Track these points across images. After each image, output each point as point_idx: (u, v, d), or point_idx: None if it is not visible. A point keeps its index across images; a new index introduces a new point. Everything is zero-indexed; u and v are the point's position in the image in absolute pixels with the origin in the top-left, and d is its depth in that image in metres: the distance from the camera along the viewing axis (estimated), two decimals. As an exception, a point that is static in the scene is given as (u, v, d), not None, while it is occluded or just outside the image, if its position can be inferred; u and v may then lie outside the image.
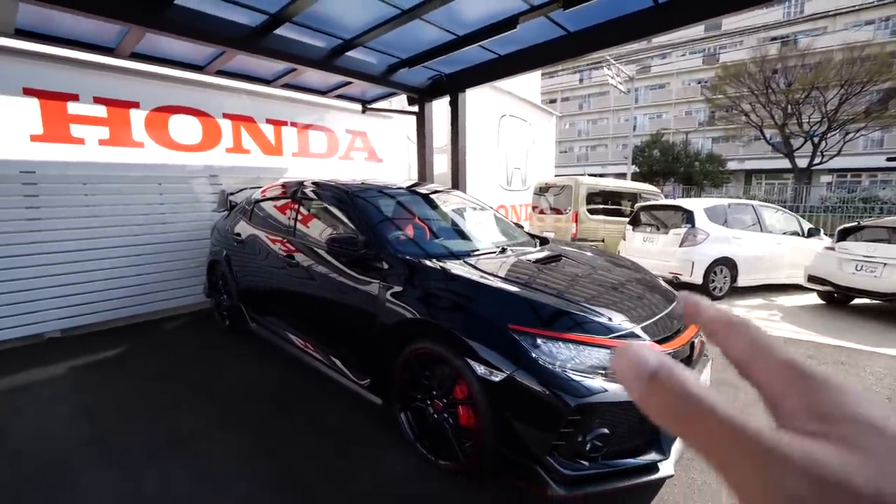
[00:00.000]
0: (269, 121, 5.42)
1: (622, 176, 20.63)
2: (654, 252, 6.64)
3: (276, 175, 5.58)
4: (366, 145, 6.66)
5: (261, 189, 4.21)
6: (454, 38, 3.79)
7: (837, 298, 6.05)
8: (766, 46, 24.30)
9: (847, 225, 5.94)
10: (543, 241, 3.41)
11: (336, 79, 4.76)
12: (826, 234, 7.41)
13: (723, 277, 6.32)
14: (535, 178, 10.63)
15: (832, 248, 5.81)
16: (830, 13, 23.05)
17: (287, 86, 5.01)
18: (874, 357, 3.87)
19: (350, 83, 4.82)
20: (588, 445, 1.78)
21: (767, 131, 23.03)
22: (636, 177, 23.96)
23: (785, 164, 23.29)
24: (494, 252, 2.86)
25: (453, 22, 3.55)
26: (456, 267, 2.43)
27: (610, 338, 1.90)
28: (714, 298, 6.07)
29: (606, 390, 1.77)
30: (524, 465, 1.84)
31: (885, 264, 5.10)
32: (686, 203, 6.78)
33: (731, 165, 31.24)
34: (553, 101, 41.25)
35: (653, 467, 1.85)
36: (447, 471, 2.13)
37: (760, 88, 21.96)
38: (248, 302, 3.89)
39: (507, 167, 10.01)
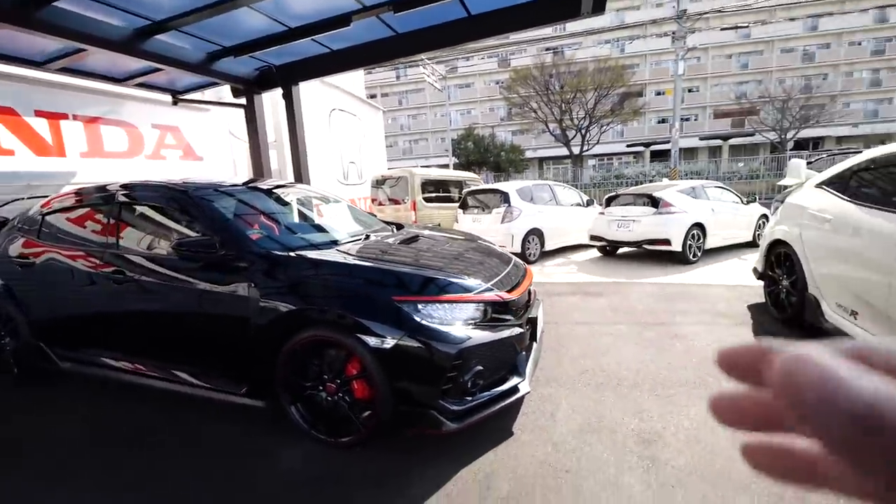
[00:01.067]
0: (40, 113, 4.30)
1: (445, 167, 22.56)
2: (482, 230, 7.63)
3: (58, 182, 4.50)
4: (180, 142, 5.85)
5: (45, 200, 3.41)
6: (285, 29, 3.71)
7: (609, 250, 8.05)
8: (543, 55, 29.49)
9: (610, 194, 7.94)
10: (399, 227, 3.71)
11: (137, 64, 4.09)
12: (598, 203, 9.67)
13: (534, 245, 7.71)
14: (370, 171, 10.89)
15: (603, 213, 7.70)
16: (583, 32, 29.24)
17: (67, 70, 4.05)
18: (633, 285, 5.40)
19: (158, 70, 4.20)
20: (469, 383, 2.17)
21: (551, 125, 28.16)
22: (457, 167, 26.47)
23: (565, 151, 28.91)
24: (360, 238, 3.03)
25: (283, 13, 3.48)
26: (332, 255, 2.53)
27: (475, 294, 2.32)
28: (529, 263, 7.39)
29: (474, 336, 2.18)
30: (421, 414, 2.12)
31: (634, 220, 7.03)
32: (502, 186, 8.00)
33: (528, 154, 37.08)
34: (373, 97, 41.86)
35: (515, 389, 2.35)
36: (349, 445, 2.27)
37: (542, 90, 26.63)
38: (54, 338, 3.16)
39: (342, 162, 10.00)
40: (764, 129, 28.17)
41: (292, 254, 2.50)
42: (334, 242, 2.89)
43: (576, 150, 28.14)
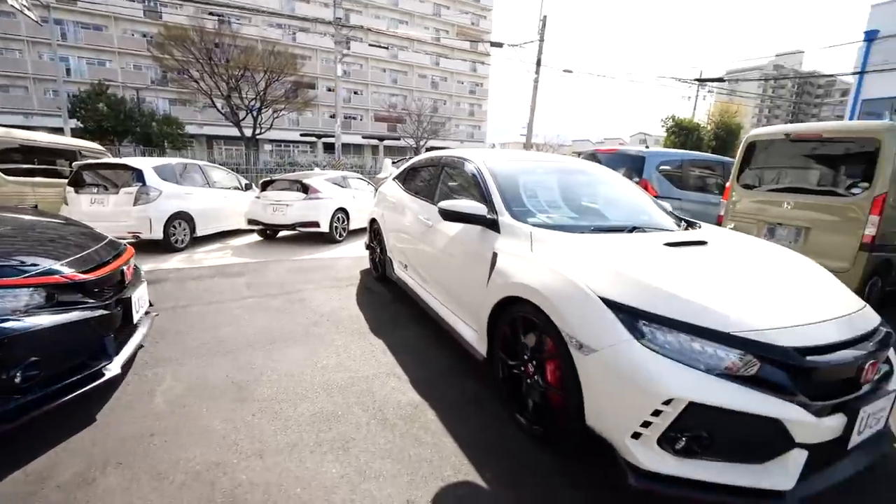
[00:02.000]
0: None
1: (60, 131, 16.69)
2: (107, 213, 6.31)
3: None
4: None
5: None
6: None
7: (270, 234, 8.27)
8: (204, 19, 26.03)
9: (265, 179, 8.13)
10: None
11: None
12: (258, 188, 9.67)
13: (182, 230, 7.00)
14: None
15: (259, 197, 7.81)
16: (244, 7, 27.65)
17: None
18: (276, 263, 5.83)
19: None
20: (18, 378, 1.88)
21: (217, 101, 25.49)
22: (82, 134, 20.09)
23: (238, 131, 26.88)
24: None
25: None
26: None
27: (25, 277, 2.00)
28: (177, 250, 6.70)
29: (15, 326, 1.89)
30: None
31: (287, 205, 7.50)
32: (133, 162, 6.82)
33: (192, 129, 32.38)
34: None
35: (98, 374, 2.20)
36: None
37: (205, 58, 23.66)
38: None
39: None
40: (406, 136, 35.20)
41: None
42: None
43: (250, 133, 26.71)
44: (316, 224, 7.54)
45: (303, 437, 2.10)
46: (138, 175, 6.53)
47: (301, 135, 32.92)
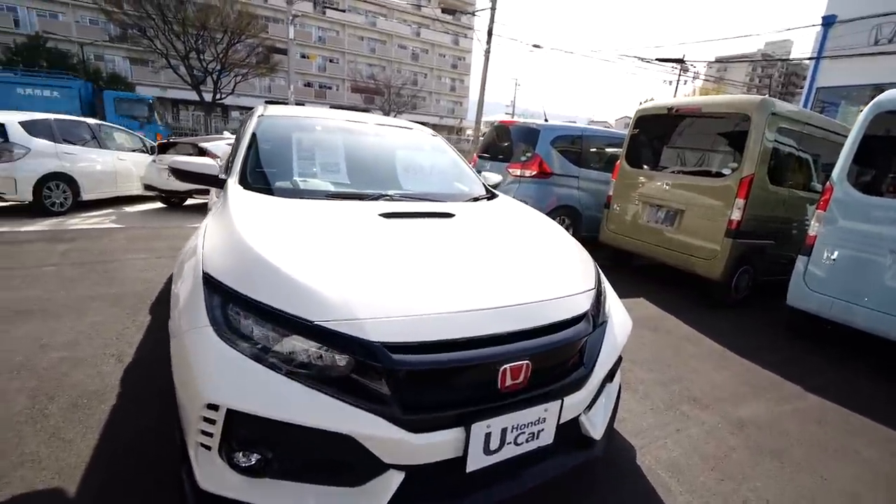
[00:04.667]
0: None
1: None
2: (-39, 171, 5.76)
3: None
4: None
5: None
6: None
7: (176, 202, 7.76)
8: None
9: (162, 141, 7.56)
10: None
11: None
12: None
13: (62, 193, 6.47)
14: None
15: (155, 160, 7.26)
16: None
17: None
18: (124, 230, 5.39)
19: None
20: None
21: (174, 61, 24.09)
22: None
23: (207, 96, 25.49)
24: None
25: None
26: None
27: None
28: (53, 214, 6.20)
29: None
30: None
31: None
32: (-6, 114, 6.20)
33: (154, 92, 30.87)
34: None
35: None
36: None
37: (158, 14, 22.23)
38: None
39: None
40: (375, 109, 34.10)
41: None
42: None
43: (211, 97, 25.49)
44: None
45: (-82, 431, 1.75)
46: (0, 130, 5.95)
47: (266, 102, 31.56)
